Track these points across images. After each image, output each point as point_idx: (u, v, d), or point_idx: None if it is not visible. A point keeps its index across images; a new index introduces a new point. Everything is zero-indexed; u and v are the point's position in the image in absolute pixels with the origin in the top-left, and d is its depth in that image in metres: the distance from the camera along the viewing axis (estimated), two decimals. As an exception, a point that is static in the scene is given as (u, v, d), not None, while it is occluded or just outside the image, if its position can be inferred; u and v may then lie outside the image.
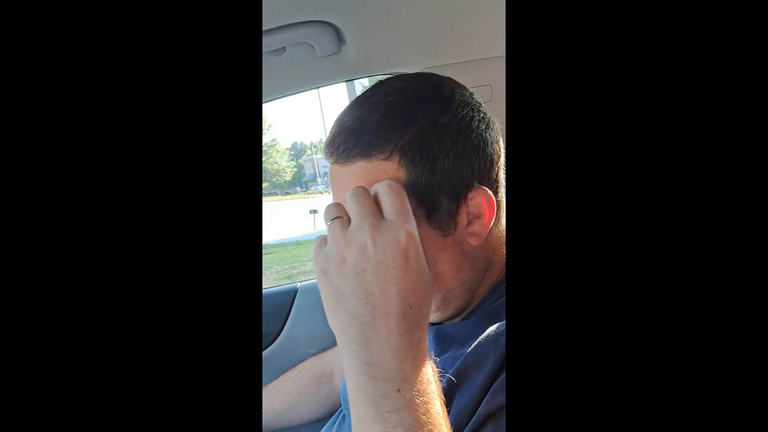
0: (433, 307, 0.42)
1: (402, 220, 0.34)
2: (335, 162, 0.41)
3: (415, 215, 0.36)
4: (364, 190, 0.35)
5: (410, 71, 0.75)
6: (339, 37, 0.62)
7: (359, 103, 0.41)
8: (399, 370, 0.32)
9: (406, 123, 0.39)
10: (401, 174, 0.38)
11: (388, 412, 0.31)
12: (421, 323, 0.33)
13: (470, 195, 0.40)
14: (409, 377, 0.31)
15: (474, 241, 0.41)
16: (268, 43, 0.60)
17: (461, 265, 0.42)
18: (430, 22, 0.64)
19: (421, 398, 0.31)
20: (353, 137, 0.39)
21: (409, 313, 0.33)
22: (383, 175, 0.38)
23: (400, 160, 0.38)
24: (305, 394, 0.80)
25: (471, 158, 0.40)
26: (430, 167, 0.38)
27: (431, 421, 0.31)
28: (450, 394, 0.39)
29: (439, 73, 0.44)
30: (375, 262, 0.32)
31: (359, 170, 0.39)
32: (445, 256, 0.41)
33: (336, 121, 0.42)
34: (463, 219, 0.41)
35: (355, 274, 0.32)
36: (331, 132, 0.41)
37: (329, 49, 0.64)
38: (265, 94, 0.71)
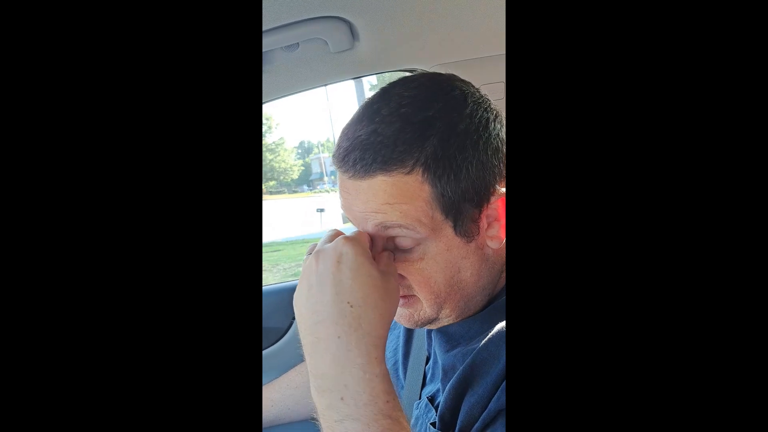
0: (453, 313, 0.43)
1: (342, 241, 0.37)
2: (352, 177, 0.39)
3: (441, 227, 0.38)
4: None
5: (423, 68, 0.75)
6: (352, 33, 0.63)
7: (370, 117, 0.39)
8: (340, 376, 0.33)
9: (423, 135, 0.37)
10: (426, 188, 0.37)
11: (335, 422, 0.32)
12: (367, 322, 0.34)
13: (492, 199, 0.40)
14: (350, 384, 0.32)
15: (494, 245, 0.41)
16: (282, 38, 0.60)
17: (481, 272, 0.42)
18: (443, 18, 0.64)
19: (368, 408, 0.32)
20: (370, 152, 0.38)
21: (350, 311, 0.34)
22: (407, 188, 0.37)
23: (423, 174, 0.37)
24: (314, 388, 0.80)
25: (492, 162, 0.39)
26: (454, 178, 0.38)
27: (374, 427, 0.31)
28: (461, 389, 0.39)
29: (452, 70, 0.44)
30: (317, 274, 0.36)
31: (380, 184, 0.38)
32: (467, 264, 0.41)
33: (344, 134, 0.40)
34: (483, 223, 0.40)
35: (308, 291, 0.36)
36: (341, 146, 0.40)
37: (342, 45, 0.64)
38: (279, 90, 0.72)
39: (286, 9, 0.54)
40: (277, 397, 0.80)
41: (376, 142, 0.38)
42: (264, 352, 0.91)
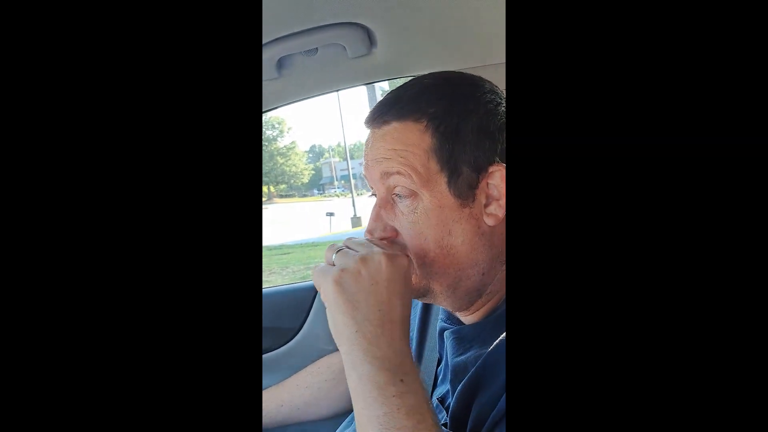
0: (444, 285, 0.44)
1: (403, 253, 0.42)
2: (372, 127, 0.46)
3: (435, 179, 0.42)
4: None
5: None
6: (370, 38, 0.64)
7: (397, 88, 0.47)
8: (402, 364, 0.38)
9: (437, 98, 0.44)
10: (426, 138, 0.42)
11: (393, 396, 0.36)
12: (408, 332, 0.41)
13: (491, 169, 0.42)
14: (408, 371, 0.38)
15: (491, 222, 0.43)
16: (302, 43, 0.62)
17: (475, 244, 0.43)
18: (460, 24, 0.65)
19: (417, 386, 0.38)
20: (388, 106, 0.45)
21: (406, 322, 0.40)
22: (411, 136, 0.43)
23: (427, 125, 0.43)
24: (324, 389, 0.81)
25: (495, 135, 0.43)
26: (454, 136, 0.42)
27: (424, 406, 0.37)
28: (473, 390, 0.40)
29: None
30: (386, 278, 0.39)
31: (392, 130, 0.44)
32: (459, 229, 0.42)
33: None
34: (481, 198, 0.43)
35: (370, 286, 0.39)
36: (372, 110, 0.47)
37: (360, 50, 0.65)
38: (296, 93, 0.73)
39: (308, 14, 0.56)
40: (287, 397, 0.81)
41: (396, 99, 0.45)
42: (275, 352, 0.92)
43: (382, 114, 0.44)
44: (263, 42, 0.60)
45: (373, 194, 0.48)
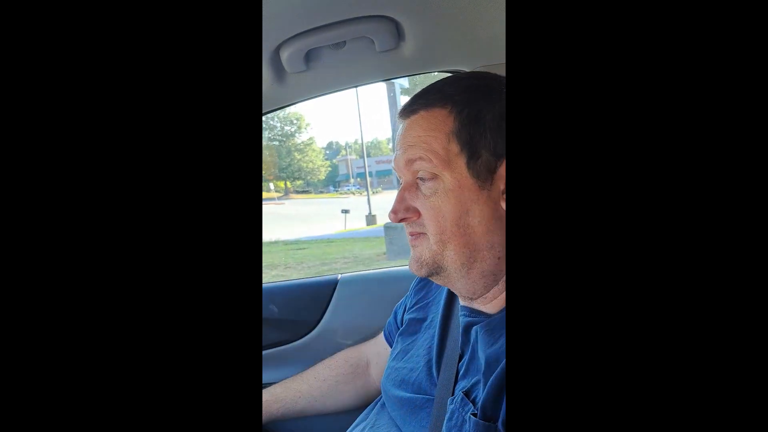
0: (458, 263, 0.46)
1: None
2: (402, 118, 0.49)
3: (454, 160, 0.45)
4: None
5: (466, 69, 0.75)
6: (399, 32, 0.64)
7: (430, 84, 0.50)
8: None
9: (463, 88, 0.47)
10: (449, 121, 0.45)
11: None
12: None
13: None
14: None
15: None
16: (330, 36, 0.62)
17: (492, 226, 0.45)
18: (489, 19, 0.64)
19: None
20: (418, 97, 0.48)
21: None
22: (435, 121, 0.46)
23: (451, 109, 0.46)
24: (341, 382, 0.81)
25: None
26: (475, 121, 0.45)
27: None
28: (505, 380, 0.40)
29: (497, 72, 0.50)
30: None
31: (419, 119, 0.47)
32: (477, 209, 0.45)
33: None
34: (500, 183, 0.45)
35: None
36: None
37: (388, 44, 0.65)
38: (323, 86, 0.73)
39: (338, 6, 0.56)
40: (305, 388, 0.81)
41: (425, 90, 0.49)
42: (293, 344, 0.92)
43: (412, 104, 0.48)
44: (292, 34, 0.61)
45: (400, 183, 0.50)
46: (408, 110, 0.48)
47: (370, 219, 10.84)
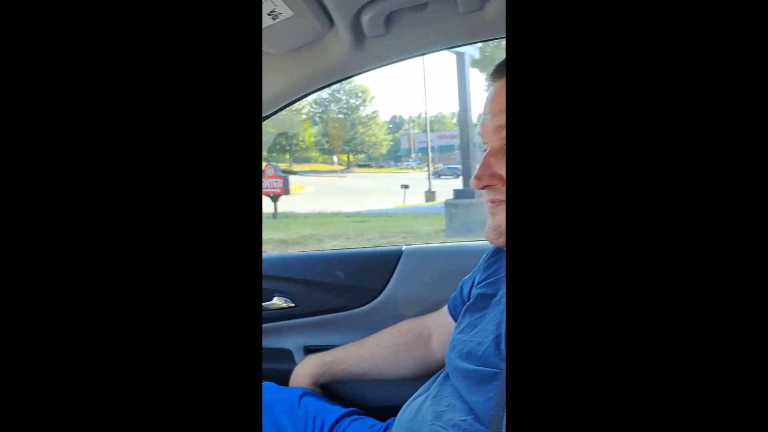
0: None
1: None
2: (493, 80, 0.50)
3: None
4: None
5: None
6: (485, -9, 0.60)
7: None
8: None
9: None
10: None
11: None
12: None
13: None
14: None
15: None
16: (412, -3, 0.59)
17: None
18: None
19: None
20: (501, 65, 0.51)
21: None
22: None
23: None
24: (402, 351, 0.82)
25: None
26: None
27: None
28: None
29: None
30: None
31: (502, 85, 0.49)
32: None
33: None
34: None
35: None
36: None
37: (472, 5, 0.61)
38: (403, 51, 0.71)
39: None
40: (367, 353, 0.84)
41: None
42: (357, 310, 0.95)
43: (503, 66, 0.47)
44: (374, -5, 0.59)
45: (485, 149, 0.49)
46: (497, 74, 0.47)
47: (430, 195, 10.76)
